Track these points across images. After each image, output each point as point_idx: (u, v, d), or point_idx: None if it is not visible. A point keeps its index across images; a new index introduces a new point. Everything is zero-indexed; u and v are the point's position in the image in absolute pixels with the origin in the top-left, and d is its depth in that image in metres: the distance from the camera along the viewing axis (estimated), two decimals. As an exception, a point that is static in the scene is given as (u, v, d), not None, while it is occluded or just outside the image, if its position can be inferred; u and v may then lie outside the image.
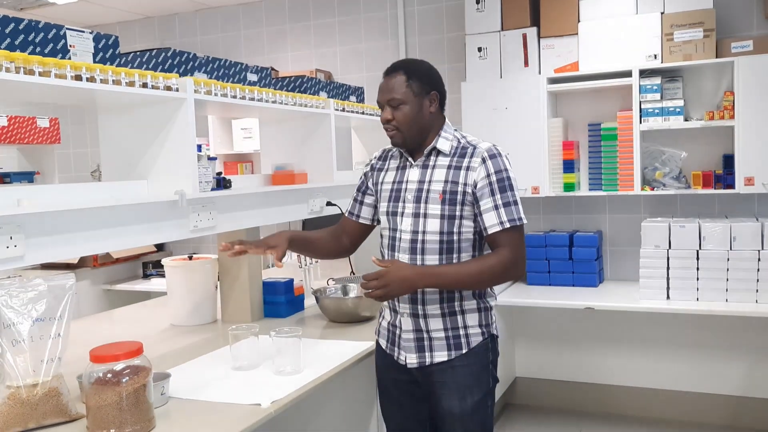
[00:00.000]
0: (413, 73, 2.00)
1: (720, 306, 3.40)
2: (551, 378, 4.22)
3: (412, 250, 1.99)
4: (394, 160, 2.13)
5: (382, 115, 2.03)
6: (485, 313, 2.03)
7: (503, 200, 1.93)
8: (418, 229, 1.99)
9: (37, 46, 1.80)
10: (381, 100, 2.04)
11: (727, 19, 3.75)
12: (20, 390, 1.60)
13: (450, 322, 1.99)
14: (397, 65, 2.03)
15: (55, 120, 4.17)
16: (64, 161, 5.53)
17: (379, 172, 2.16)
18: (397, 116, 1.99)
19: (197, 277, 2.78)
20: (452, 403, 1.98)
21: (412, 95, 1.98)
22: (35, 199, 1.76)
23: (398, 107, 1.99)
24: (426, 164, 2.03)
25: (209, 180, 2.29)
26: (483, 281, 1.97)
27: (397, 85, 1.99)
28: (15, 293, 1.63)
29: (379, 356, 2.15)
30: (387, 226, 2.08)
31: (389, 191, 2.08)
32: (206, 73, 2.44)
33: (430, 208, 1.98)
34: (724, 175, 3.62)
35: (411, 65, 2.03)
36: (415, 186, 2.02)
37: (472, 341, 1.99)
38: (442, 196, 1.96)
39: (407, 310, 2.01)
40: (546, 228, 4.24)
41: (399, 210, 2.04)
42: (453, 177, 1.97)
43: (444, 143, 2.02)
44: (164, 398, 1.82)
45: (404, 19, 4.57)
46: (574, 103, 4.11)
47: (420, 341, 2.00)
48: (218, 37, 5.19)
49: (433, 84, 2.03)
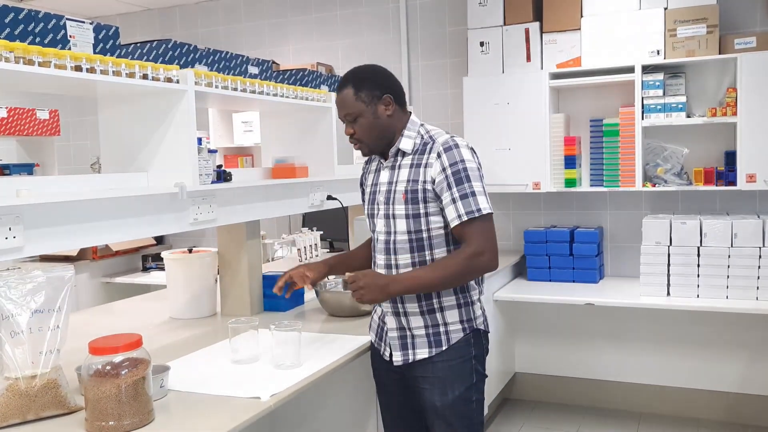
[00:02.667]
0: (359, 84, 2.00)
1: (720, 303, 3.40)
2: (551, 373, 4.22)
3: (386, 250, 2.03)
4: (374, 162, 2.17)
5: (345, 130, 2.06)
6: (466, 309, 2.02)
7: (460, 192, 1.91)
8: (390, 229, 2.02)
9: (37, 37, 1.79)
10: (339, 116, 2.06)
11: (731, 15, 3.74)
12: (19, 381, 1.59)
13: (430, 319, 2.00)
14: (344, 79, 2.04)
15: (55, 112, 4.15)
16: (64, 153, 5.52)
17: (366, 175, 2.21)
18: (357, 129, 2.01)
19: (197, 271, 2.77)
20: (433, 398, 2.00)
21: (363, 106, 1.99)
22: (34, 191, 1.75)
23: (355, 120, 2.01)
24: (394, 165, 2.04)
25: (209, 173, 2.29)
26: (452, 280, 1.95)
27: (347, 100, 2.00)
28: (14, 284, 1.62)
29: (372, 350, 2.20)
30: (369, 228, 2.13)
31: (369, 194, 2.14)
32: (207, 65, 2.43)
33: (397, 208, 2.00)
34: (726, 171, 3.62)
35: (357, 75, 2.03)
36: (385, 187, 2.05)
37: (452, 338, 1.99)
38: (404, 195, 1.98)
39: (389, 308, 2.05)
40: (547, 224, 4.23)
41: (375, 212, 2.09)
42: (414, 175, 1.98)
43: (406, 142, 2.03)
44: (163, 391, 1.81)
45: (406, 13, 4.55)
46: (576, 99, 4.09)
47: (403, 339, 2.03)
48: (219, 29, 5.17)
49: (383, 88, 2.02)
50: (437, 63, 4.42)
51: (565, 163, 3.94)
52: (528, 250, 4.03)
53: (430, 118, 4.33)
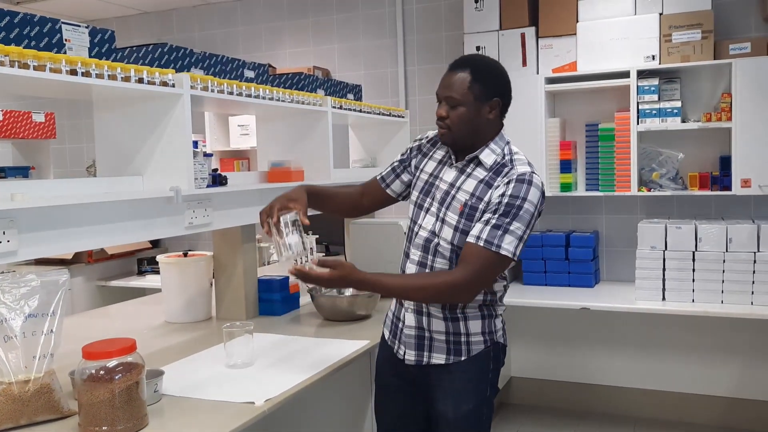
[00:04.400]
0: (479, 75, 1.87)
1: (715, 307, 3.40)
2: (547, 378, 4.22)
3: (425, 248, 1.94)
4: (441, 150, 2.02)
5: (438, 109, 1.92)
6: (489, 321, 1.95)
7: (498, 222, 1.79)
8: (436, 231, 1.92)
9: (33, 40, 1.79)
10: (439, 94, 1.92)
11: (725, 21, 3.75)
12: (12, 386, 1.58)
13: (452, 326, 1.93)
14: (464, 60, 1.92)
15: (51, 115, 4.15)
16: (60, 156, 5.51)
17: (423, 156, 2.06)
18: (452, 116, 1.88)
19: (192, 274, 2.77)
20: (446, 408, 1.94)
21: (472, 98, 1.86)
22: (29, 194, 1.75)
23: (455, 107, 1.87)
24: (464, 169, 1.93)
25: (205, 176, 2.28)
26: (425, 297, 1.90)
27: (458, 84, 1.86)
28: (8, 289, 1.62)
29: (381, 348, 2.12)
30: (410, 217, 2.02)
31: (424, 182, 2.00)
32: (203, 69, 2.43)
33: (449, 215, 1.89)
34: (721, 176, 3.63)
35: (479, 64, 1.91)
36: (445, 187, 1.93)
37: (473, 349, 1.93)
38: (462, 208, 1.87)
39: (411, 305, 1.97)
40: (543, 228, 4.24)
41: (426, 205, 1.96)
42: (480, 192, 1.86)
43: (488, 155, 1.90)
44: (157, 395, 1.81)
45: (403, 17, 4.56)
46: (572, 104, 4.10)
47: (421, 339, 1.96)
48: (216, 33, 5.18)
49: (498, 90, 1.90)
50: (434, 67, 4.42)
51: (560, 167, 3.95)
52: (524, 254, 4.01)
53: (426, 123, 4.34)
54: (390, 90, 4.63)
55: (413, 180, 2.08)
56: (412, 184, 2.09)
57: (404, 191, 2.15)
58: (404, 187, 2.14)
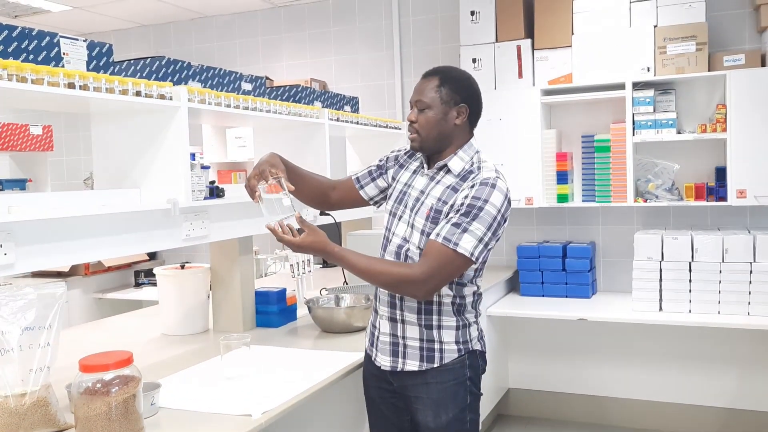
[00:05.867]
0: (447, 80, 1.97)
1: (712, 318, 3.41)
2: (544, 389, 4.21)
3: (398, 255, 1.99)
4: (416, 162, 2.10)
5: (408, 114, 2.02)
6: (463, 330, 1.99)
7: (458, 221, 1.84)
8: (407, 236, 1.98)
9: (31, 54, 1.80)
10: (411, 100, 2.02)
11: (720, 33, 3.79)
12: (8, 399, 1.58)
13: (426, 333, 1.96)
14: (435, 69, 2.02)
15: (48, 127, 4.15)
16: (57, 169, 5.52)
17: (400, 167, 2.13)
18: (420, 119, 1.96)
19: (189, 286, 2.77)
20: (426, 419, 1.97)
21: (439, 101, 1.95)
22: (26, 207, 1.75)
23: (423, 110, 1.96)
24: (433, 177, 2.00)
25: (202, 189, 2.29)
26: (384, 283, 1.92)
27: (427, 88, 1.96)
28: (4, 301, 1.61)
29: (365, 361, 2.16)
30: (384, 224, 2.08)
31: (399, 192, 2.06)
32: (200, 82, 2.44)
33: (417, 220, 1.96)
34: (717, 187, 3.64)
35: (448, 72, 2.01)
36: (415, 194, 2.00)
37: (446, 357, 1.96)
38: (428, 212, 1.93)
39: (386, 313, 2.02)
40: (539, 239, 4.25)
41: (399, 213, 2.03)
42: (446, 197, 1.92)
43: (457, 163, 1.97)
44: (154, 408, 1.80)
45: (399, 30, 4.59)
46: (568, 115, 4.12)
47: (395, 345, 2.00)
48: (213, 46, 5.20)
49: (465, 96, 1.98)
50: (430, 79, 4.44)
51: (557, 178, 3.96)
52: (521, 266, 4.04)
53: (423, 134, 4.35)
54: (387, 102, 4.66)
55: (389, 190, 2.13)
56: (388, 194, 2.14)
57: (376, 196, 2.20)
58: (377, 192, 2.19)
